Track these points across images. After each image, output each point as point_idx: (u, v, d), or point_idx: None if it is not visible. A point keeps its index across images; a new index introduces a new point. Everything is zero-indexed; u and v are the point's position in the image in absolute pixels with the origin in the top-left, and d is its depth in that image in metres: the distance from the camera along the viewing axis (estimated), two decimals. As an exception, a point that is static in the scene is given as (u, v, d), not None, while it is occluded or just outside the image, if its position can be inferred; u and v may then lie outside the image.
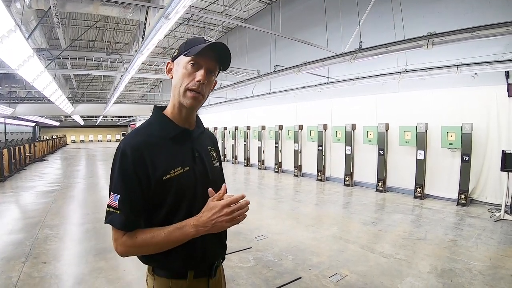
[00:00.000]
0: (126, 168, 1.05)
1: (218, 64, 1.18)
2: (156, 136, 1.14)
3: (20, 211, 6.43)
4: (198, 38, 1.15)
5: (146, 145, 1.10)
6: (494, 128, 6.06)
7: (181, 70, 1.14)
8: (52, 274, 3.40)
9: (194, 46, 1.10)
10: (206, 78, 1.13)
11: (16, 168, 11.87)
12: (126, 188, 1.05)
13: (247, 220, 4.50)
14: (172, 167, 1.11)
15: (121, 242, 1.05)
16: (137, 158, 1.06)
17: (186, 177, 1.14)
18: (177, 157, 1.15)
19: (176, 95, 1.16)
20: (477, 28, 3.92)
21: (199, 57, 1.11)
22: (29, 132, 30.98)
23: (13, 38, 4.46)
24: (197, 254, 1.15)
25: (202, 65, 1.12)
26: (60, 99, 11.75)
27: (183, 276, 1.15)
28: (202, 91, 1.14)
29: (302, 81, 9.50)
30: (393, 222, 5.30)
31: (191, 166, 1.17)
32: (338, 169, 9.26)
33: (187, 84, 1.12)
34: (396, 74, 6.76)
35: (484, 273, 3.36)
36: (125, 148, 1.07)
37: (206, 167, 1.23)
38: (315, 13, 9.54)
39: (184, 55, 1.13)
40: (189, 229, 1.05)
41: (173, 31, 13.13)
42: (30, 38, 8.65)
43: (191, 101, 1.13)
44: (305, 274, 3.41)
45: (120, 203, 1.04)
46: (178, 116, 1.19)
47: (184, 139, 1.20)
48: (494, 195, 6.07)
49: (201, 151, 1.24)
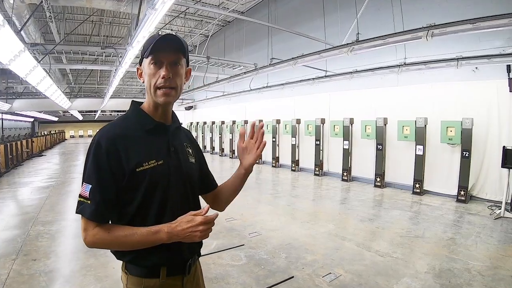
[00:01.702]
0: (100, 158, 1.05)
1: (179, 53, 1.16)
2: (132, 129, 1.15)
3: (15, 207, 6.35)
4: (153, 36, 1.14)
5: (121, 137, 1.10)
6: (494, 124, 5.93)
7: (147, 72, 1.15)
8: (41, 272, 3.36)
9: (150, 45, 1.10)
10: (171, 71, 1.13)
11: (13, 163, 11.79)
12: (98, 178, 1.05)
13: (242, 216, 4.39)
14: (146, 160, 1.11)
15: (92, 233, 1.04)
16: (111, 149, 1.06)
17: (160, 170, 1.13)
18: (151, 150, 1.14)
19: (149, 96, 1.17)
20: (478, 19, 3.78)
21: (157, 53, 1.11)
22: (28, 128, 30.90)
23: (2, 32, 4.35)
24: (170, 249, 1.13)
25: (163, 61, 1.12)
26: (55, 94, 11.64)
27: (156, 274, 1.14)
28: (172, 84, 1.14)
29: (300, 75, 9.37)
30: (391, 219, 5.21)
31: (166, 159, 1.16)
32: (336, 164, 9.15)
33: (155, 83, 1.13)
34: (394, 68, 6.62)
35: (484, 273, 3.25)
36: (99, 139, 1.07)
37: (181, 162, 1.22)
38: (313, 7, 9.37)
39: (145, 58, 1.14)
40: (163, 235, 1.05)
41: (169, 24, 12.92)
42: (24, 32, 8.53)
43: (163, 98, 1.14)
44: (298, 273, 3.32)
45: (91, 193, 1.04)
46: (154, 112, 1.20)
47: (160, 133, 1.20)
48: (494, 192, 5.95)
49: (177, 146, 1.24)
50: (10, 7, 6.75)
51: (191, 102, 19.24)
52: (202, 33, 14.82)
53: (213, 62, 10.09)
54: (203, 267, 3.46)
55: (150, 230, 1.05)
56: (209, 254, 3.77)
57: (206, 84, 10.77)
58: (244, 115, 14.02)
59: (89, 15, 11.00)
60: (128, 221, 1.10)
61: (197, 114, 20.02)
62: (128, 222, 1.10)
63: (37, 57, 7.74)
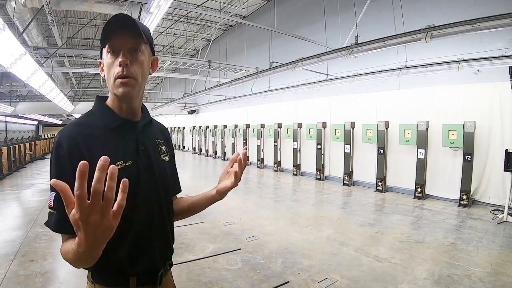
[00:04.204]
0: (61, 161, 0.93)
1: (138, 38, 1.01)
2: (96, 127, 1.02)
3: (15, 209, 6.38)
4: (108, 21, 0.98)
5: (83, 136, 0.98)
6: (497, 127, 5.85)
7: (105, 63, 1.02)
8: (37, 273, 3.37)
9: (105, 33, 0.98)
10: (129, 58, 0.99)
11: (16, 166, 11.87)
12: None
13: (240, 221, 4.34)
14: (112, 161, 0.94)
15: (62, 247, 0.89)
16: (73, 149, 0.94)
17: (128, 172, 1.00)
18: (118, 150, 1.02)
19: (110, 89, 1.04)
20: (478, 20, 3.73)
21: (112, 41, 0.98)
22: (32, 131, 31.17)
23: (2, 36, 4.38)
24: (138, 257, 1.02)
25: (120, 48, 0.99)
26: (58, 97, 11.71)
27: (125, 284, 1.02)
28: (130, 73, 0.99)
29: (301, 78, 9.36)
30: (391, 224, 5.13)
31: (134, 160, 1.04)
32: (337, 168, 9.08)
33: (113, 74, 0.99)
34: (395, 71, 6.56)
35: (484, 280, 3.17)
36: (60, 140, 0.96)
37: (152, 161, 1.10)
38: (314, 10, 9.38)
39: (102, 48, 1.02)
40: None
41: (171, 28, 12.98)
42: (27, 36, 8.61)
43: (122, 89, 0.99)
44: (294, 278, 3.26)
45: (56, 201, 0.90)
46: (119, 107, 1.07)
47: (127, 130, 1.07)
48: (497, 196, 5.85)
49: (147, 144, 1.11)
50: (12, 11, 6.82)
51: (193, 106, 19.29)
52: (204, 37, 14.88)
53: (215, 66, 10.10)
54: (198, 271, 3.45)
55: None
56: (204, 258, 3.73)
57: (207, 88, 10.78)
58: (246, 119, 14.00)
59: (91, 19, 11.09)
60: None
61: (200, 118, 20.05)
62: None
63: (39, 61, 7.79)
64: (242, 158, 1.14)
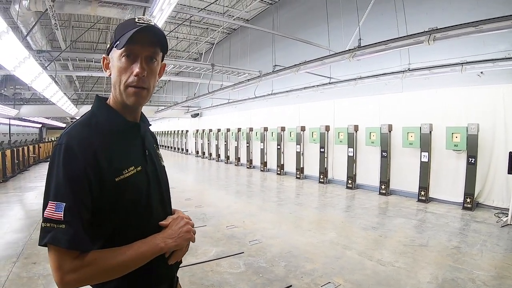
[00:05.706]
0: (74, 167, 0.83)
1: (157, 47, 0.98)
2: (104, 130, 0.95)
3: (19, 211, 6.40)
4: (128, 22, 0.95)
5: (97, 138, 0.91)
6: (501, 129, 5.81)
7: (116, 65, 0.95)
8: (40, 275, 3.38)
9: (124, 34, 0.91)
10: (146, 68, 0.95)
11: (19, 168, 11.94)
12: (74, 193, 0.81)
13: (243, 224, 4.33)
14: (125, 166, 0.93)
15: (71, 268, 0.79)
16: (88, 154, 0.86)
17: (140, 178, 0.96)
18: (128, 155, 0.97)
19: (117, 94, 0.97)
20: (481, 22, 3.71)
21: (132, 45, 0.92)
22: (35, 134, 31.35)
23: (6, 39, 4.42)
24: (153, 276, 0.99)
25: (138, 54, 0.94)
26: (62, 101, 11.78)
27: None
28: (145, 84, 0.96)
29: (304, 82, 9.36)
30: (395, 227, 5.09)
31: (143, 165, 1.00)
32: (341, 172, 9.05)
33: (126, 81, 0.94)
34: (399, 73, 6.55)
35: (489, 283, 3.13)
36: (70, 143, 0.85)
37: (156, 167, 1.08)
38: (317, 13, 9.38)
39: (115, 47, 0.94)
40: (157, 240, 0.92)
41: (174, 31, 13.05)
42: (31, 39, 8.69)
43: (134, 98, 0.95)
44: (296, 281, 3.24)
45: (68, 213, 0.80)
46: (123, 110, 1.01)
47: (132, 135, 1.03)
48: (501, 198, 5.80)
49: (150, 149, 1.09)
50: (16, 15, 6.89)
51: (197, 109, 19.35)
52: (207, 41, 14.94)
53: (218, 69, 10.13)
54: (201, 274, 3.45)
55: (139, 241, 0.90)
56: (207, 262, 3.72)
57: (210, 92, 10.81)
58: (249, 123, 14.02)
59: (95, 22, 11.18)
60: (102, 245, 0.89)
61: (203, 122, 20.09)
62: (102, 246, 0.89)
63: (43, 64, 7.85)
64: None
